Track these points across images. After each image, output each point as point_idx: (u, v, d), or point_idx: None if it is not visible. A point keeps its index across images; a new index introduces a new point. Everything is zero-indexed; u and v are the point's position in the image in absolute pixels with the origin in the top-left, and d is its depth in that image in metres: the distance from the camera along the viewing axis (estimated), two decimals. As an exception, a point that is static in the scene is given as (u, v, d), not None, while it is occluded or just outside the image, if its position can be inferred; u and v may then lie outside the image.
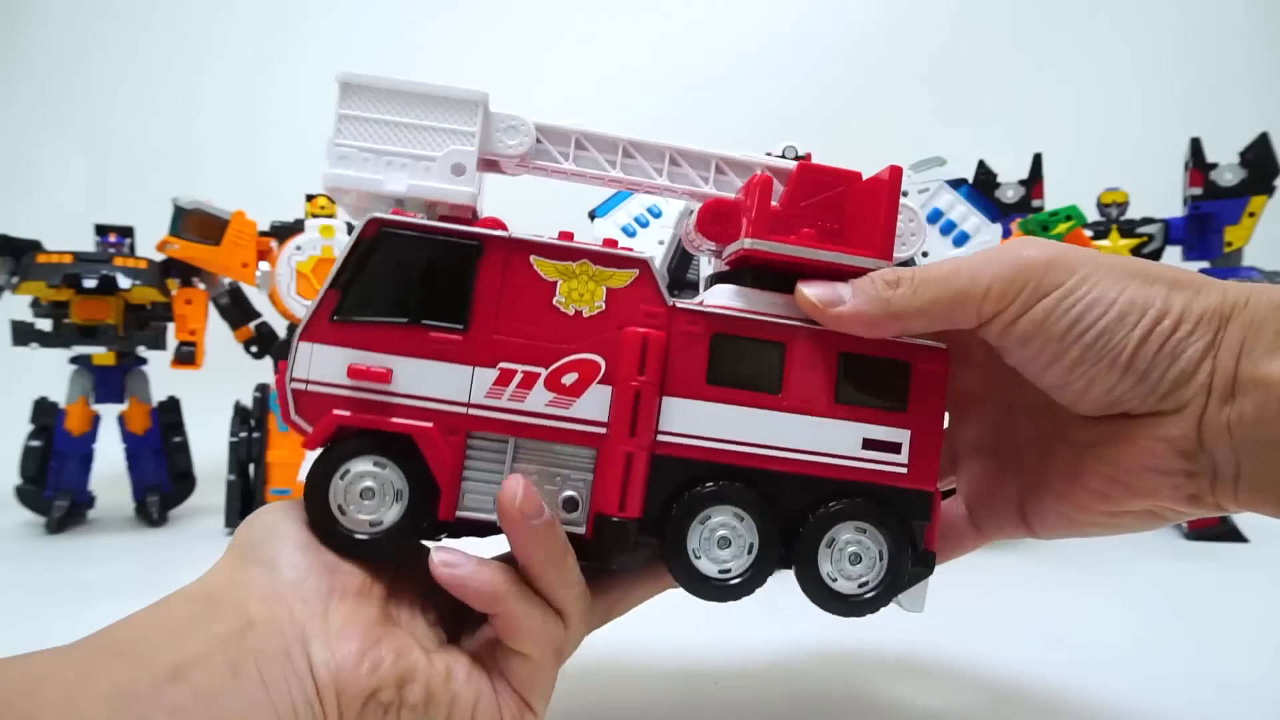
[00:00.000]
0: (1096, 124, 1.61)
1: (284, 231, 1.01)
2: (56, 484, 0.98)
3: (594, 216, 0.90)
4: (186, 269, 1.02)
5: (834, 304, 0.35)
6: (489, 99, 0.38)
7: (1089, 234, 1.00)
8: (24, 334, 0.96)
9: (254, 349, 1.06)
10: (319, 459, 0.35)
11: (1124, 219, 1.02)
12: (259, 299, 1.06)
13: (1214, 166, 0.96)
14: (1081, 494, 0.36)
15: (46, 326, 0.97)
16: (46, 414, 0.99)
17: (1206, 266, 0.99)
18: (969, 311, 0.34)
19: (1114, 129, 1.57)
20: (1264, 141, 0.95)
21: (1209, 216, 0.97)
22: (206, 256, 0.98)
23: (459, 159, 0.38)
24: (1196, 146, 0.97)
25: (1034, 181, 1.08)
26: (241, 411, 1.01)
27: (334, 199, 0.40)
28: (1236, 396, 0.31)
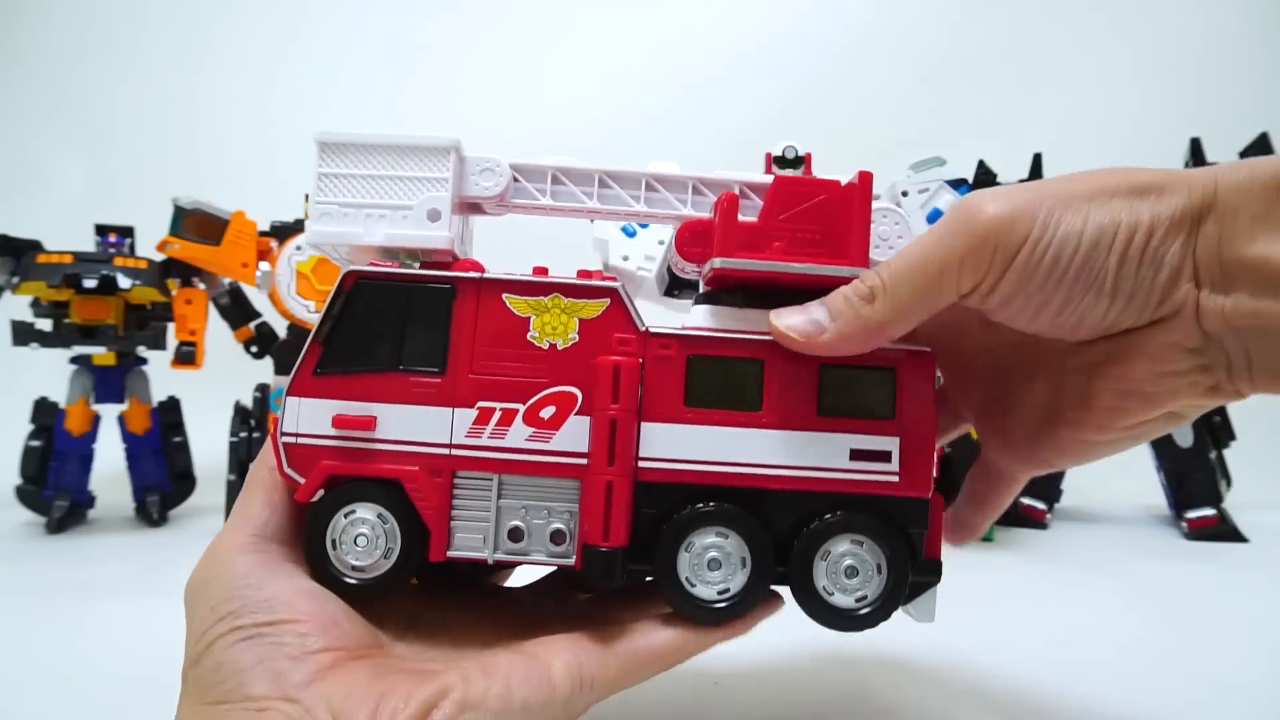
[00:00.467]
0: (1096, 124, 1.61)
1: (284, 231, 1.01)
2: (56, 484, 0.98)
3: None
4: (186, 269, 1.02)
5: (814, 335, 0.35)
6: (461, 144, 0.39)
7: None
8: (24, 334, 0.96)
9: (254, 349, 1.06)
10: (312, 508, 0.36)
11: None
12: (259, 299, 1.06)
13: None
14: (1098, 416, 0.36)
15: (46, 326, 0.97)
16: (46, 414, 0.99)
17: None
18: (947, 295, 0.33)
19: (1114, 129, 1.57)
20: (1264, 141, 0.95)
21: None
22: (206, 256, 0.98)
23: (434, 205, 0.38)
24: (1196, 146, 0.97)
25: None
26: (241, 411, 1.01)
27: (324, 254, 0.41)
28: (1226, 287, 0.30)
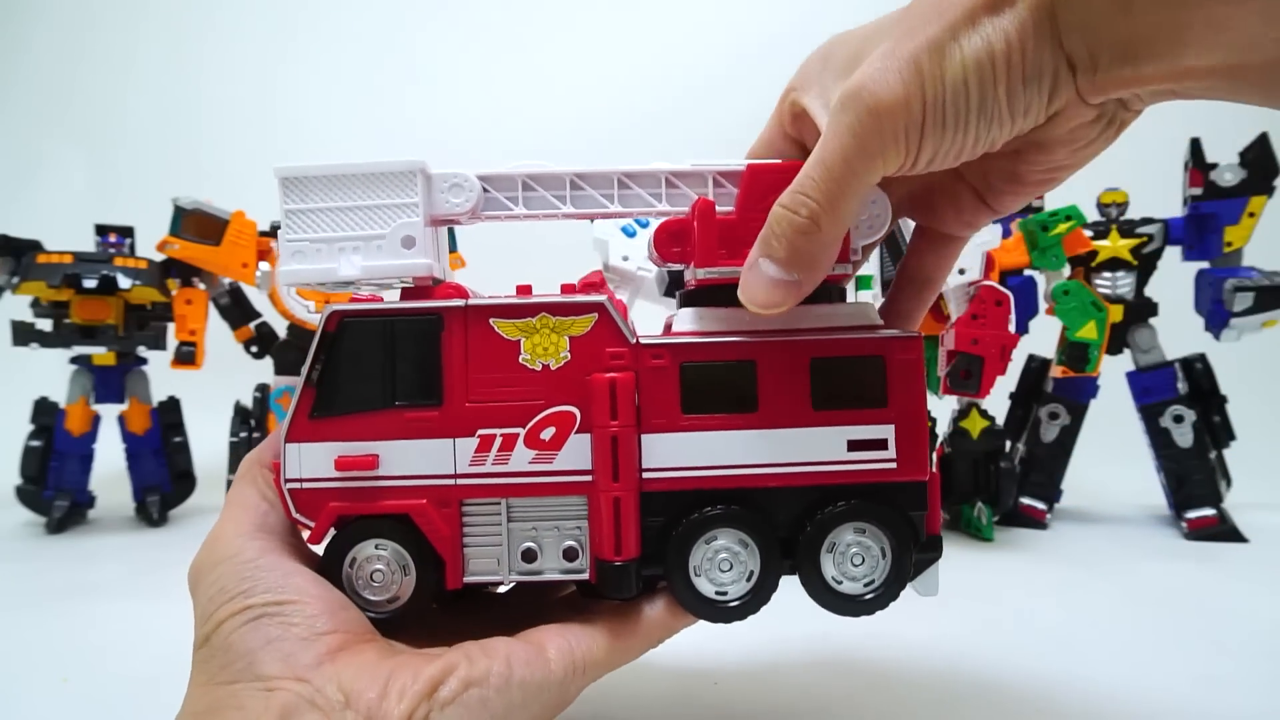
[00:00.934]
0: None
1: (284, 231, 1.01)
2: (56, 484, 0.98)
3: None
4: (186, 269, 1.02)
5: (791, 292, 0.34)
6: (427, 164, 0.38)
7: (1089, 234, 1.00)
8: (24, 334, 0.96)
9: (254, 349, 1.06)
10: (326, 550, 0.36)
11: (1124, 219, 1.02)
12: (259, 299, 1.06)
13: (1214, 166, 0.96)
14: (1031, 187, 0.37)
15: (46, 326, 0.97)
16: (46, 414, 0.99)
17: (1207, 267, 0.99)
18: (873, 183, 0.33)
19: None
20: (1264, 142, 0.95)
21: (1209, 216, 0.97)
22: (206, 256, 0.98)
23: (407, 231, 0.37)
24: (1196, 146, 0.97)
25: (1034, 181, 1.07)
26: (241, 411, 1.01)
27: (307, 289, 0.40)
28: (1094, 64, 0.30)
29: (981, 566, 0.83)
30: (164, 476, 1.04)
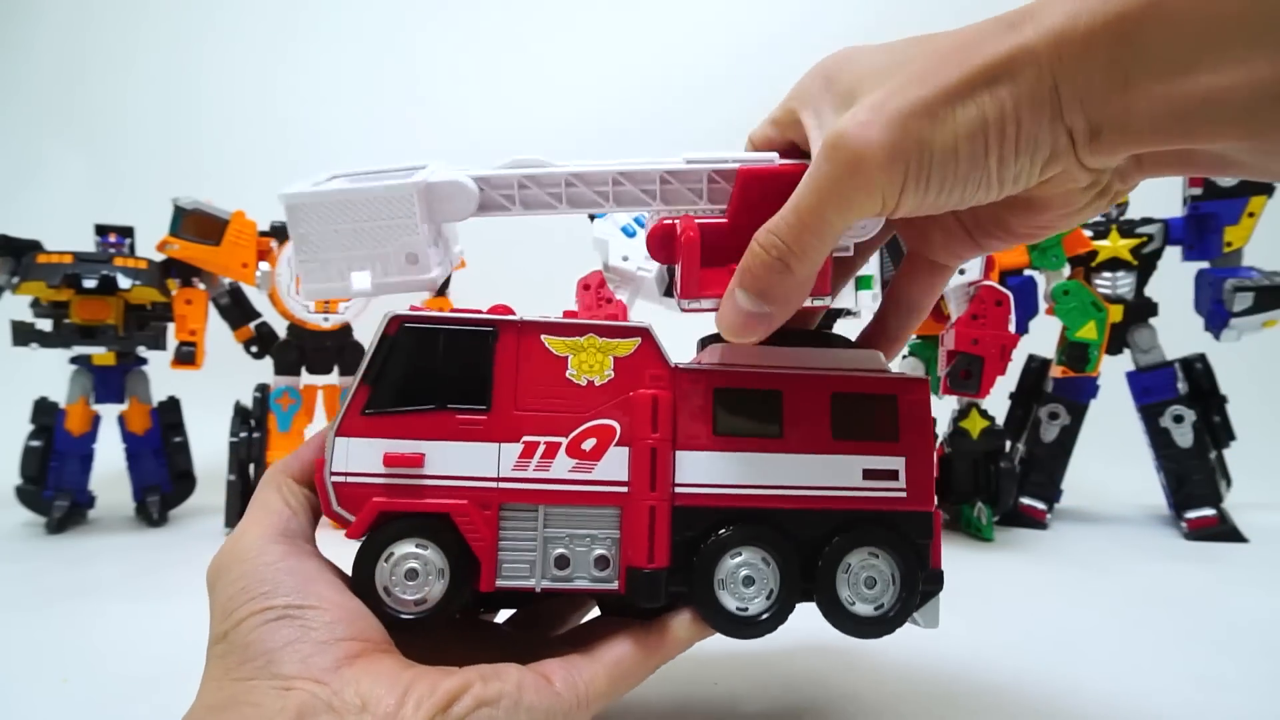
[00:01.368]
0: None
1: (284, 232, 1.01)
2: (56, 484, 0.98)
3: (594, 217, 0.90)
4: (186, 269, 1.02)
5: (763, 324, 0.36)
6: (427, 176, 0.38)
7: (1089, 234, 1.00)
8: (24, 334, 0.96)
9: (254, 349, 1.06)
10: (363, 546, 0.37)
11: (1124, 219, 1.02)
12: (259, 299, 1.06)
13: (1214, 167, 0.96)
14: (1018, 238, 0.38)
15: (46, 326, 0.97)
16: (46, 414, 0.99)
17: (1206, 267, 0.99)
18: (844, 229, 0.34)
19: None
20: (1264, 142, 0.95)
21: (1209, 216, 0.97)
22: (206, 256, 0.98)
23: (409, 249, 0.39)
24: (1196, 147, 0.97)
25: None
26: (241, 411, 1.01)
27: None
28: (1096, 136, 0.30)
29: (981, 566, 0.84)
30: (164, 476, 1.03)
